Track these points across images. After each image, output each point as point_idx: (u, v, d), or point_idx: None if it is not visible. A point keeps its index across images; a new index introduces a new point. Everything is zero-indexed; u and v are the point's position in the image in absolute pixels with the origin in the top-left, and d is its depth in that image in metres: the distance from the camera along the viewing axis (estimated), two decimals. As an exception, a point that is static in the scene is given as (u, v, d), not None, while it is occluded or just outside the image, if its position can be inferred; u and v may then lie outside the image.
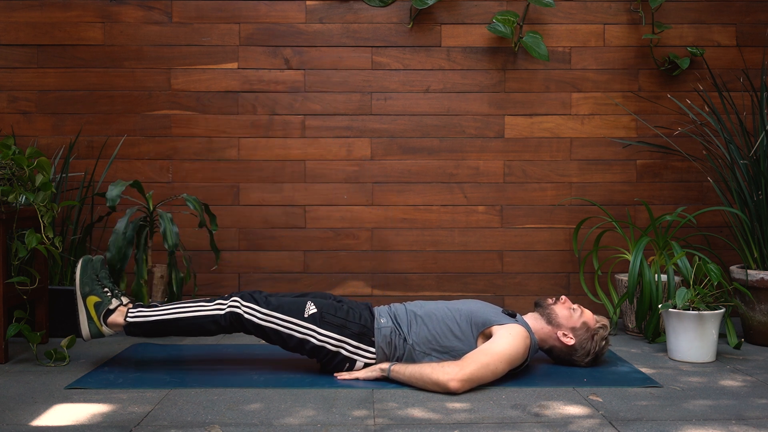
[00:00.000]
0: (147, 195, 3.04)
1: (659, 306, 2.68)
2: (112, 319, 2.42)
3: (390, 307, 2.52)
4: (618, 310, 3.04)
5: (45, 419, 1.97)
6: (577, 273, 3.43)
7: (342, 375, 2.38)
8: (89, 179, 3.31)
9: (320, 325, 2.36)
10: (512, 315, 2.47)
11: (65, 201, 2.97)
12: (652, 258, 3.08)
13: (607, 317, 2.99)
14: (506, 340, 2.30)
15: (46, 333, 2.84)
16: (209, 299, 2.44)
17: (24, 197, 2.66)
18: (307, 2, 3.41)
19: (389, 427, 1.92)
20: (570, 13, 3.43)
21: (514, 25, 3.31)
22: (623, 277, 3.12)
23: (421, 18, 3.42)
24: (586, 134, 3.44)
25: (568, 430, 1.90)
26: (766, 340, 2.89)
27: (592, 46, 3.44)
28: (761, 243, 2.95)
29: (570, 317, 2.48)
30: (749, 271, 2.89)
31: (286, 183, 3.42)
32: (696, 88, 3.41)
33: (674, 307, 2.62)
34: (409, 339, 2.40)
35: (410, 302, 2.54)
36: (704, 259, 2.73)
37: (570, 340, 2.47)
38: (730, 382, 2.37)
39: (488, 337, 2.37)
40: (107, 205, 2.84)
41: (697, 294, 2.63)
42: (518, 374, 2.39)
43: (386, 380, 2.34)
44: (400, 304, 2.53)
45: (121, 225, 2.92)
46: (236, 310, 2.36)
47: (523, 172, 3.44)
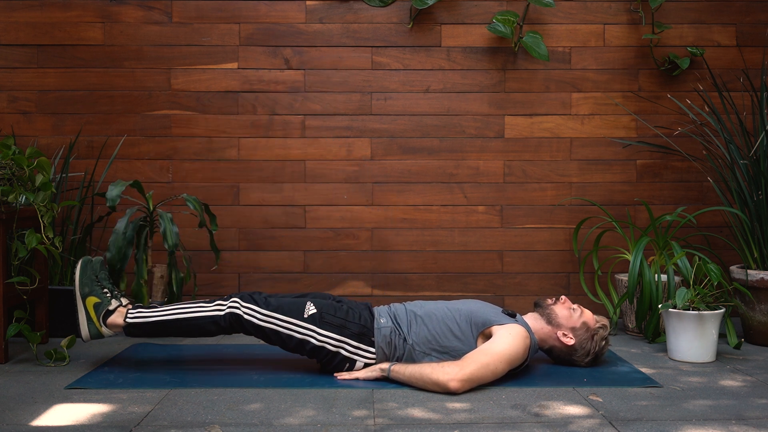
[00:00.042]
0: (147, 195, 3.04)
1: (659, 306, 2.68)
2: (111, 320, 2.42)
3: (390, 307, 2.52)
4: (618, 310, 3.04)
5: (45, 419, 1.97)
6: (577, 273, 3.43)
7: (342, 375, 2.38)
8: (89, 179, 3.31)
9: (320, 326, 2.36)
10: (512, 315, 2.47)
11: (65, 201, 2.97)
12: (652, 258, 3.08)
13: (607, 317, 2.99)
14: (506, 340, 2.30)
15: (46, 333, 2.84)
16: (209, 300, 2.44)
17: (24, 197, 2.66)
18: (307, 2, 3.41)
19: (389, 427, 1.92)
20: (570, 13, 3.43)
21: (514, 25, 3.31)
22: (623, 277, 3.12)
23: (421, 18, 3.42)
24: (586, 134, 3.44)
25: (568, 430, 1.90)
26: (766, 340, 2.89)
27: (592, 46, 3.44)
28: (761, 243, 2.95)
29: (570, 317, 2.48)
30: (749, 271, 2.89)
31: (286, 183, 3.42)
32: (696, 88, 3.41)
33: (674, 307, 2.62)
34: (409, 339, 2.40)
35: (410, 302, 2.54)
36: (704, 259, 2.73)
37: (570, 340, 2.47)
38: (730, 382, 2.37)
39: (488, 337, 2.38)
40: (107, 205, 2.84)
41: (697, 294, 2.63)
42: (518, 374, 2.39)
43: (386, 380, 2.34)
44: (400, 304, 2.53)
45: (121, 225, 2.92)
46: (236, 311, 2.36)
47: (523, 172, 3.44)
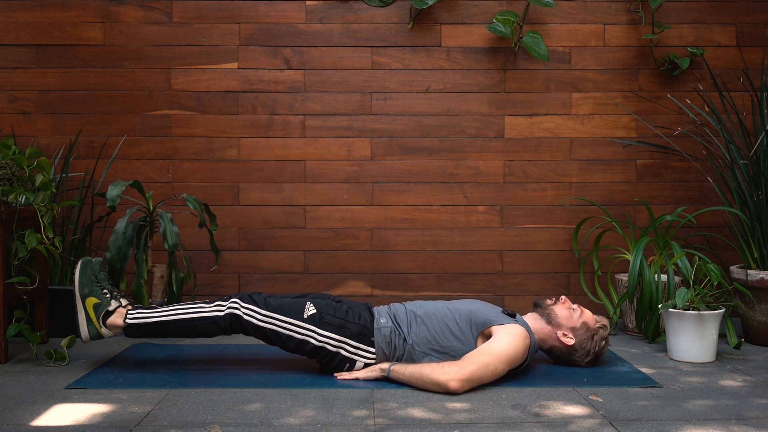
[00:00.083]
0: (147, 195, 3.04)
1: (659, 306, 2.68)
2: (111, 320, 2.42)
3: (390, 307, 2.52)
4: (618, 310, 3.04)
5: (45, 419, 1.97)
6: (577, 273, 3.43)
7: (342, 375, 2.38)
8: (89, 179, 3.31)
9: (320, 326, 2.36)
10: (512, 315, 2.47)
11: (65, 201, 2.97)
12: (652, 258, 3.08)
13: (607, 317, 2.99)
14: (506, 340, 2.30)
15: (46, 333, 2.84)
16: (208, 301, 2.44)
17: (24, 197, 2.66)
18: (307, 2, 3.41)
19: (389, 427, 1.92)
20: (570, 13, 3.43)
21: (514, 25, 3.31)
22: (623, 277, 3.12)
23: (421, 18, 3.42)
24: (586, 134, 3.44)
25: (568, 430, 1.90)
26: (766, 340, 2.89)
27: (592, 46, 3.44)
28: (761, 243, 2.95)
29: (570, 317, 2.48)
30: (749, 271, 2.89)
31: (286, 183, 3.42)
32: (696, 88, 3.41)
33: (674, 307, 2.62)
34: (409, 339, 2.40)
35: (410, 302, 2.54)
36: (704, 259, 2.73)
37: (570, 340, 2.47)
38: (730, 382, 2.37)
39: (488, 337, 2.37)
40: (107, 205, 2.84)
41: (697, 294, 2.63)
42: (518, 374, 2.39)
43: (386, 380, 2.34)
44: (400, 304, 2.53)
45: (121, 225, 2.92)
46: (235, 312, 2.36)
47: (523, 172, 3.44)
